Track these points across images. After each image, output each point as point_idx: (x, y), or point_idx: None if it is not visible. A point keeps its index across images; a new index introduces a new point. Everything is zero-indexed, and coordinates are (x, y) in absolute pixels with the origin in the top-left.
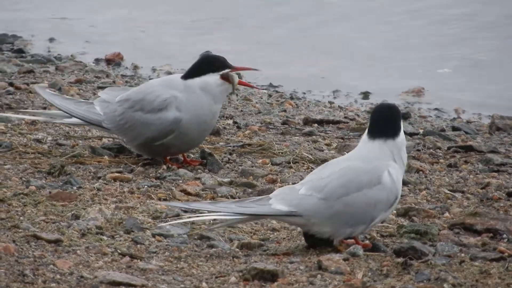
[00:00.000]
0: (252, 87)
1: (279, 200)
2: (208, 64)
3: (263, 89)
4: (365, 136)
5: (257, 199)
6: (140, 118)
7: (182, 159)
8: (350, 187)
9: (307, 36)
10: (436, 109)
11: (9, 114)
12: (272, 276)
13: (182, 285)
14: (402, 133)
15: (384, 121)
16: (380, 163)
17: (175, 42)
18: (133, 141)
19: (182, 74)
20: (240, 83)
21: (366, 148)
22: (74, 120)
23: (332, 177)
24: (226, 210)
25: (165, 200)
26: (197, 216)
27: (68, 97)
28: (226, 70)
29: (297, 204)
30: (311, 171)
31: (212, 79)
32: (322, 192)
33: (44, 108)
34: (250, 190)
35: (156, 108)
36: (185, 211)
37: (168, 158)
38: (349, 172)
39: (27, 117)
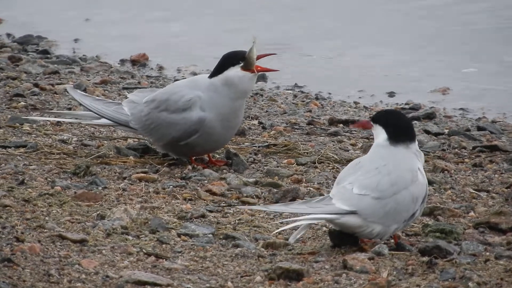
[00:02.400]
0: (270, 70)
1: (339, 200)
2: (228, 59)
3: (277, 70)
4: (383, 141)
5: (320, 199)
6: (166, 118)
7: (208, 159)
8: (399, 184)
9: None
10: (461, 108)
11: (37, 118)
12: (297, 275)
13: (208, 285)
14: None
15: (405, 127)
16: (412, 162)
17: (201, 42)
18: (159, 141)
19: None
20: (258, 69)
21: (391, 151)
22: (102, 120)
23: (381, 175)
24: (300, 211)
25: (190, 200)
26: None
27: (98, 98)
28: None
29: (356, 203)
30: (337, 171)
31: (233, 72)
32: (376, 191)
33: (69, 109)
34: (275, 190)
35: (180, 108)
36: (210, 211)
37: (193, 158)
38: (394, 170)
39: (55, 118)
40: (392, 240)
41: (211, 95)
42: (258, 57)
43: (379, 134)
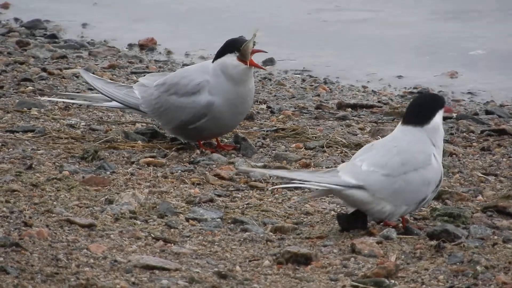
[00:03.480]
0: (260, 67)
1: (346, 173)
2: (227, 45)
3: (264, 69)
4: (400, 123)
5: (326, 170)
6: (175, 102)
7: (216, 144)
8: (408, 165)
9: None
10: (469, 92)
11: (48, 99)
12: (305, 260)
13: (216, 269)
14: (434, 121)
15: (416, 109)
16: (425, 145)
17: (209, 27)
18: (168, 125)
19: None
20: (251, 64)
21: (404, 133)
22: (113, 103)
23: (391, 155)
24: (301, 177)
25: (198, 184)
26: (291, 185)
27: (109, 81)
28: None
29: (364, 178)
30: (345, 155)
31: (229, 59)
32: (385, 168)
33: (78, 93)
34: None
35: (189, 92)
36: (219, 196)
37: (202, 142)
38: (405, 151)
39: (66, 100)
40: (401, 224)
41: (216, 80)
42: (253, 52)
43: None
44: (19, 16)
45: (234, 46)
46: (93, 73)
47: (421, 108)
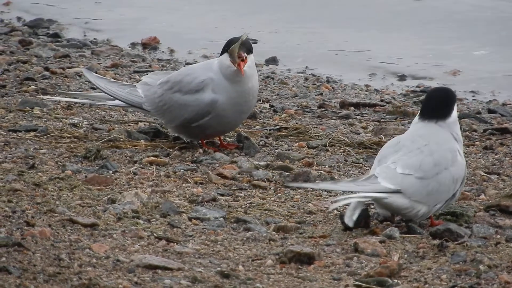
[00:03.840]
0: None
1: (384, 179)
2: (226, 45)
3: (243, 74)
4: (417, 117)
5: (366, 177)
6: (178, 100)
7: (219, 142)
8: (440, 165)
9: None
10: (472, 91)
11: (51, 98)
12: (308, 259)
13: (219, 268)
14: (454, 114)
15: (437, 104)
16: (451, 141)
17: (213, 25)
18: (171, 123)
19: None
20: (238, 66)
21: (429, 129)
22: (116, 102)
23: (423, 155)
24: (347, 188)
25: (201, 183)
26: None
27: (112, 80)
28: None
29: (400, 182)
30: (348, 154)
31: (224, 58)
32: (419, 171)
33: (81, 92)
34: (286, 173)
35: (193, 90)
36: (222, 195)
37: (205, 141)
38: (436, 151)
39: (69, 99)
40: (403, 223)
41: (219, 77)
42: (239, 55)
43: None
44: (22, 15)
45: (228, 46)
46: (96, 72)
47: (441, 102)
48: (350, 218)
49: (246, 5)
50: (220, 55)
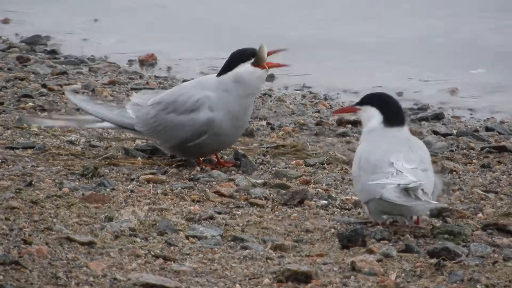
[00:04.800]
0: (281, 65)
1: (409, 174)
2: (238, 56)
3: (287, 65)
4: (378, 125)
5: (394, 173)
6: (173, 120)
7: (216, 160)
8: (428, 161)
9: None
10: (469, 109)
11: (42, 119)
12: (305, 278)
13: (216, 287)
14: None
15: (401, 110)
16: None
17: (210, 43)
18: (167, 143)
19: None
20: (269, 65)
21: (404, 133)
22: (105, 124)
23: (415, 153)
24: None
25: (198, 201)
26: None
27: (99, 102)
28: (255, 57)
29: (419, 178)
30: (345, 172)
31: (244, 68)
32: (422, 164)
33: (78, 110)
34: (283, 191)
35: (188, 109)
36: (219, 213)
37: (202, 159)
38: (418, 146)
39: (58, 123)
40: (401, 242)
41: (220, 94)
42: (268, 53)
43: (372, 116)
44: (20, 31)
45: (244, 55)
46: (93, 90)
47: (403, 110)
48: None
49: (242, 22)
50: (228, 69)
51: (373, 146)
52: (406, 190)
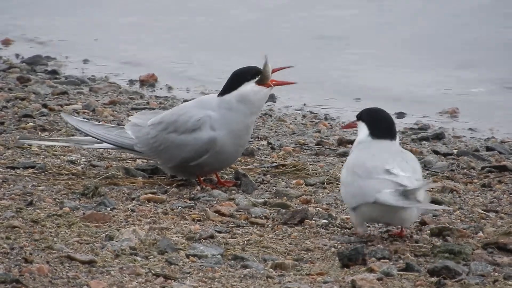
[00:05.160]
0: (287, 83)
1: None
2: (241, 75)
3: (294, 83)
4: (365, 136)
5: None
6: (175, 140)
7: (216, 180)
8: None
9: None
10: (470, 129)
11: (38, 142)
12: None
13: None
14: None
15: (391, 123)
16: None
17: (209, 63)
18: (168, 163)
19: (217, 93)
20: (274, 83)
21: (391, 145)
22: (104, 145)
23: (408, 164)
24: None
25: (199, 221)
26: None
27: (96, 123)
28: (260, 76)
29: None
30: None
31: (248, 87)
32: (415, 174)
33: (78, 130)
34: (284, 210)
35: (190, 129)
36: (219, 232)
37: (202, 179)
38: (411, 158)
39: (56, 143)
40: (401, 260)
41: (223, 113)
42: (273, 71)
43: (361, 130)
44: (20, 52)
45: (249, 74)
46: (94, 110)
47: (392, 124)
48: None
49: (243, 42)
50: (231, 89)
51: (367, 155)
52: (404, 194)
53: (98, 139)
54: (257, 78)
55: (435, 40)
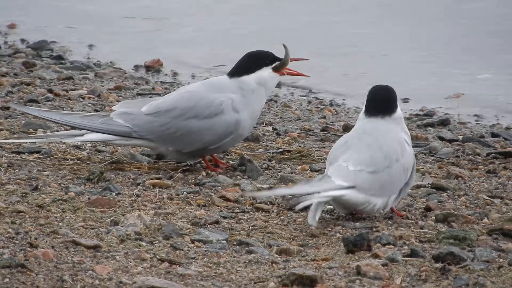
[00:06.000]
0: (301, 75)
1: (338, 177)
2: (261, 59)
3: (307, 75)
4: (361, 114)
5: (321, 177)
6: (195, 125)
7: (222, 165)
8: (390, 157)
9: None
10: (475, 115)
11: (19, 140)
12: (311, 282)
13: None
14: (398, 110)
15: (383, 102)
16: (397, 133)
17: (216, 49)
18: (185, 148)
19: (226, 75)
20: (289, 73)
21: (375, 124)
22: (87, 137)
23: (372, 150)
24: (302, 191)
25: (204, 206)
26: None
27: (65, 111)
28: (277, 63)
29: (353, 178)
30: None
31: (266, 73)
32: (370, 165)
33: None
34: (289, 196)
35: (213, 113)
36: (225, 217)
37: (210, 164)
38: (385, 144)
39: (35, 140)
40: (406, 246)
41: (244, 94)
42: (291, 60)
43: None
44: (26, 37)
45: (268, 58)
46: (99, 95)
47: (387, 98)
48: (313, 218)
49: (247, 28)
50: (250, 71)
51: (340, 141)
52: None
53: (86, 129)
54: (273, 65)
55: (440, 25)
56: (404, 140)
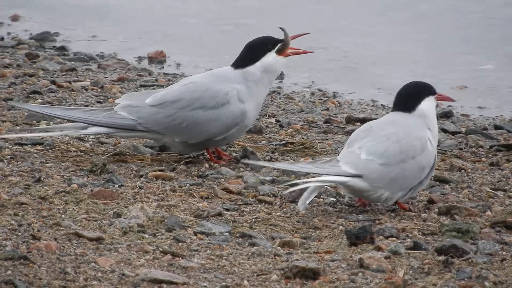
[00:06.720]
0: (305, 52)
1: (346, 164)
2: (262, 45)
3: (312, 51)
4: (392, 110)
5: (328, 159)
6: (202, 116)
7: (226, 157)
8: (406, 153)
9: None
10: (478, 107)
11: (22, 135)
12: (313, 274)
13: (224, 283)
14: (421, 107)
15: (402, 98)
16: (422, 130)
17: (219, 41)
18: (192, 139)
19: (230, 66)
20: (294, 53)
21: (399, 118)
22: (90, 130)
23: (389, 142)
24: (304, 169)
25: (207, 198)
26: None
27: (66, 107)
28: (279, 45)
29: (362, 168)
30: None
31: (271, 58)
32: (382, 158)
33: (87, 106)
34: (292, 188)
35: (219, 103)
36: (227, 209)
37: (214, 156)
38: (403, 138)
39: (39, 134)
40: (409, 239)
41: (249, 85)
42: (292, 38)
43: None
44: (29, 28)
45: (269, 44)
46: (102, 86)
47: (407, 96)
48: (304, 202)
49: (251, 19)
50: (253, 60)
51: (365, 126)
52: None
53: (85, 123)
54: (277, 48)
55: (443, 16)
56: (427, 138)
